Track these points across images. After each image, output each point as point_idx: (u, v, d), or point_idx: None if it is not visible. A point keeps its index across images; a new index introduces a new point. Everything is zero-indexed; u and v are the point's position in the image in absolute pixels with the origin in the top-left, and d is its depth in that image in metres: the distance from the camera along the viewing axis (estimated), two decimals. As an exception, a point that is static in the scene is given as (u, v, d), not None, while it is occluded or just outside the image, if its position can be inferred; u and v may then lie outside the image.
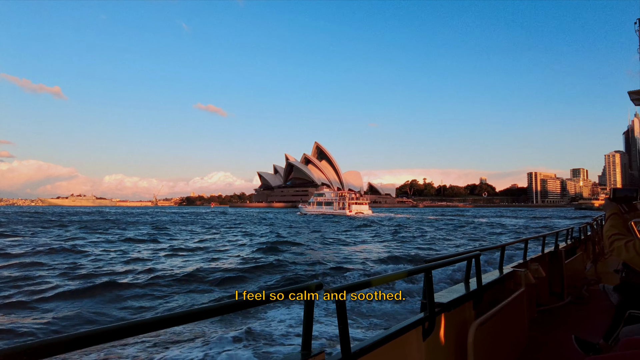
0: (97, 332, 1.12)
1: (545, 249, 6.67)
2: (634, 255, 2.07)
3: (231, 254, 20.92)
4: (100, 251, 21.16)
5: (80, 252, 20.25)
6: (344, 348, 1.94)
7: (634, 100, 9.79)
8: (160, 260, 18.58)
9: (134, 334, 1.20)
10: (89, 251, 20.85)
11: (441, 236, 32.17)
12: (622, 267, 5.71)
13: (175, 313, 1.33)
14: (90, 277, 13.66)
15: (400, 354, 2.55)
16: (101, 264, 16.84)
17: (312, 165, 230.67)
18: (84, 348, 1.08)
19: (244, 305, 1.60)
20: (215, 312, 1.47)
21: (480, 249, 3.87)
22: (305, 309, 1.90)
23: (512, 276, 4.80)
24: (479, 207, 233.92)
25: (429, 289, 2.81)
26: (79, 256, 19.06)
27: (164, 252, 21.07)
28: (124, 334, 1.18)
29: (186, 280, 13.49)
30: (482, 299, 3.72)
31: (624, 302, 3.72)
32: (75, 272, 14.72)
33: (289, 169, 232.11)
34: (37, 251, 20.13)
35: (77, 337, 1.06)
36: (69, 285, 12.51)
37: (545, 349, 4.40)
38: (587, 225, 9.60)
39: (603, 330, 3.82)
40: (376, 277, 2.37)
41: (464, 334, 3.18)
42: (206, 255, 20.07)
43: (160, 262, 17.93)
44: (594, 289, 7.08)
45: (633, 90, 9.76)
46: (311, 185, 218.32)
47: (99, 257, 19.02)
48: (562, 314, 5.81)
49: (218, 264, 17.06)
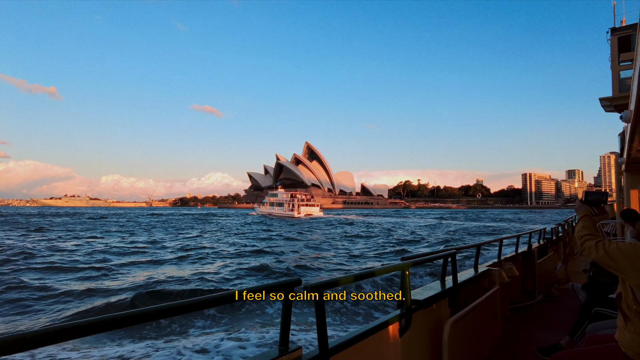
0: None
1: (519, 248, 6.97)
2: (602, 255, 2.21)
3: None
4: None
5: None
6: (322, 344, 1.99)
7: (605, 107, 9.90)
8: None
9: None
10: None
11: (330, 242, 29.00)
12: (590, 266, 6.06)
13: (149, 308, 1.34)
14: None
15: (377, 350, 2.61)
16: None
17: (303, 165, 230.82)
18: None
19: (221, 301, 1.61)
20: (192, 308, 1.48)
21: (456, 248, 3.99)
22: (284, 305, 1.95)
23: (486, 275, 5.01)
24: (472, 208, 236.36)
25: (406, 286, 2.90)
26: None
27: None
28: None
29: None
30: (458, 297, 3.83)
31: (591, 300, 3.98)
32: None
33: (278, 170, 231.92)
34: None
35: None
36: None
37: (517, 345, 4.63)
38: (559, 226, 10.08)
39: (570, 327, 4.09)
40: (356, 274, 2.45)
41: (439, 331, 3.32)
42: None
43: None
44: (564, 287, 7.49)
45: (604, 97, 9.82)
46: (301, 186, 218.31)
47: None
48: (534, 312, 6.10)
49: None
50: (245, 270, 16.14)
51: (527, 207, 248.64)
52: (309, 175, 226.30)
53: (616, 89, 9.85)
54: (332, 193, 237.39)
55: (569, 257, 9.52)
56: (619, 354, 2.27)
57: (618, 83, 9.83)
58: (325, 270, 16.62)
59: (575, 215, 11.84)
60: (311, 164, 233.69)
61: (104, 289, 12.71)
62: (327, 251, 23.68)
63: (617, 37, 9.95)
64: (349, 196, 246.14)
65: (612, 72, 9.95)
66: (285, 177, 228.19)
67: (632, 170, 10.76)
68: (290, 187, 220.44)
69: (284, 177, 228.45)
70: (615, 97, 9.81)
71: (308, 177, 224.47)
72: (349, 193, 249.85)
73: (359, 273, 2.51)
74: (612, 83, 9.94)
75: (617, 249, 2.18)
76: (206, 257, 20.71)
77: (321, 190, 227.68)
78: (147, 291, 11.99)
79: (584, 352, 2.52)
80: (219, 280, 14.22)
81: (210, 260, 19.52)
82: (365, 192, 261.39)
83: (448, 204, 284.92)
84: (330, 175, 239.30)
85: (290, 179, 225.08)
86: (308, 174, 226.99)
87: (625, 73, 9.77)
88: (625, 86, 9.55)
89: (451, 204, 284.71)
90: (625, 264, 2.14)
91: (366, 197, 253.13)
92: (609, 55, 10.08)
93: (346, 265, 18.41)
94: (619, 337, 2.33)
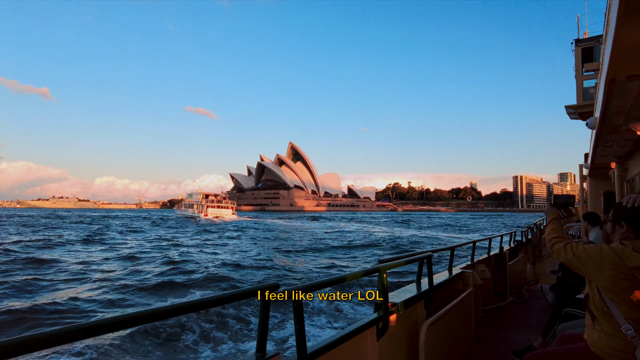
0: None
1: (491, 251, 7.35)
2: (571, 257, 2.35)
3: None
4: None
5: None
6: (300, 349, 2.04)
7: (570, 115, 10.81)
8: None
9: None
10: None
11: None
12: (558, 267, 6.69)
13: (121, 316, 1.33)
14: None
15: (355, 354, 2.69)
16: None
17: (286, 166, 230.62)
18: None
19: (197, 307, 1.63)
20: (168, 314, 1.50)
21: (432, 250, 4.16)
22: (261, 309, 1.97)
23: (460, 277, 5.21)
24: (461, 211, 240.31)
25: (383, 289, 3.00)
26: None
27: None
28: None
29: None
30: (433, 299, 3.98)
31: (560, 301, 4.28)
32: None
33: (260, 171, 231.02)
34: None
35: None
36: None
37: (489, 345, 4.87)
38: (528, 229, 10.76)
39: (540, 327, 4.42)
40: (333, 277, 2.50)
41: (415, 333, 3.46)
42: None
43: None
44: (533, 289, 7.93)
45: (569, 105, 10.78)
46: (283, 188, 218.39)
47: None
48: (506, 313, 6.44)
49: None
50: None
51: (518, 211, 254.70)
52: (292, 176, 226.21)
53: (580, 97, 10.79)
54: (317, 195, 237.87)
55: (538, 259, 10.18)
56: (588, 352, 2.39)
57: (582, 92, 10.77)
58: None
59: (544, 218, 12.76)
60: (295, 165, 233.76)
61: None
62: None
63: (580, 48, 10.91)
64: (334, 198, 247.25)
65: (577, 81, 10.91)
66: (267, 179, 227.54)
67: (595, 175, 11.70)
68: (272, 189, 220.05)
69: (266, 179, 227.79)
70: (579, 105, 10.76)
71: (291, 178, 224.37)
72: (335, 195, 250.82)
73: (338, 276, 2.57)
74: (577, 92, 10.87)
75: (583, 250, 2.32)
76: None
77: (304, 192, 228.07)
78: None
79: (555, 352, 2.65)
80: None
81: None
82: (351, 195, 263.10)
83: (437, 206, 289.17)
84: (315, 177, 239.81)
85: (272, 180, 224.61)
86: (291, 175, 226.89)
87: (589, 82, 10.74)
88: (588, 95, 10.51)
89: (440, 206, 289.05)
90: (592, 265, 2.26)
91: (352, 200, 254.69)
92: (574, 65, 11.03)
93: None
94: (587, 337, 2.45)
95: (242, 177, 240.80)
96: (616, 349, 2.24)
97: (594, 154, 9.06)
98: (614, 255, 2.20)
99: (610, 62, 3.57)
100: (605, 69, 3.90)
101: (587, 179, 11.69)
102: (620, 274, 2.17)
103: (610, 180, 10.89)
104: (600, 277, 2.23)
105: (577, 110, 10.78)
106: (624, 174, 9.84)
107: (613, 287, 2.20)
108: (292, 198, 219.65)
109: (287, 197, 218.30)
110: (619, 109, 5.02)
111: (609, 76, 4.00)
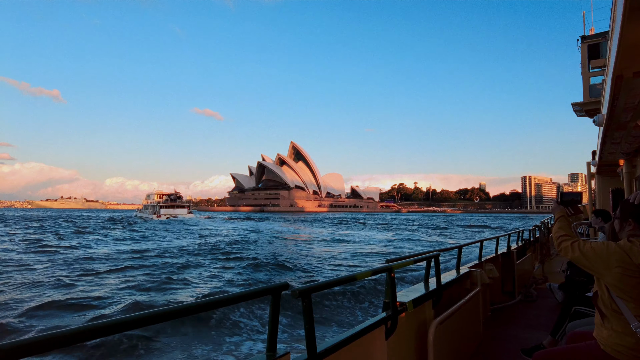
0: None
1: (499, 250, 7.44)
2: (578, 255, 2.38)
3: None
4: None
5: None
6: (310, 348, 2.10)
7: (577, 112, 10.87)
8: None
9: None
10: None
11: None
12: (567, 266, 6.80)
13: (134, 315, 1.39)
14: None
15: (364, 353, 2.76)
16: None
17: (287, 166, 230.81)
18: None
19: (208, 306, 1.67)
20: (179, 314, 1.55)
21: (439, 250, 4.23)
22: (271, 309, 2.02)
23: (468, 276, 5.31)
24: (468, 212, 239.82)
25: (392, 288, 3.05)
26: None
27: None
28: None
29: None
30: (441, 298, 4.06)
31: (569, 299, 4.33)
32: None
33: (260, 171, 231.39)
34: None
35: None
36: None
37: (498, 344, 4.94)
38: (536, 228, 10.87)
39: (549, 326, 4.46)
40: (343, 277, 2.57)
41: (424, 332, 3.53)
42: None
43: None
44: (542, 287, 8.02)
45: (576, 102, 10.83)
46: (283, 188, 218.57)
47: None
48: (514, 312, 6.52)
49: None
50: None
51: (526, 212, 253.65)
52: (292, 176, 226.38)
53: (587, 94, 10.84)
54: (318, 195, 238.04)
55: (546, 257, 10.27)
56: (598, 350, 2.42)
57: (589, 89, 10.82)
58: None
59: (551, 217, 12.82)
60: (296, 165, 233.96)
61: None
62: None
63: (587, 45, 10.96)
64: (337, 199, 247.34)
65: (583, 78, 10.96)
66: (267, 179, 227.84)
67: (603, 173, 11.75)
68: (272, 189, 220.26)
69: (267, 179, 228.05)
70: (586, 102, 10.81)
71: (292, 178, 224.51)
72: (337, 196, 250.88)
73: (347, 275, 2.62)
74: (583, 89, 10.92)
75: (591, 248, 2.35)
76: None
77: (305, 192, 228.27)
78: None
79: (564, 350, 2.68)
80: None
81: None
82: (355, 195, 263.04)
83: (443, 208, 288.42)
84: (317, 177, 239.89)
85: (272, 180, 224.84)
86: (292, 175, 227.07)
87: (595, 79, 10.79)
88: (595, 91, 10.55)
89: (447, 208, 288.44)
90: (599, 263, 2.30)
91: (355, 200, 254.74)
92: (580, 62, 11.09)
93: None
94: (597, 335, 2.48)
95: (243, 177, 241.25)
96: (626, 346, 2.27)
97: (602, 151, 9.11)
98: (621, 252, 2.24)
99: (617, 58, 3.61)
100: (612, 66, 3.94)
101: (595, 177, 11.71)
102: (628, 271, 2.21)
103: (619, 178, 10.94)
104: (608, 275, 2.27)
105: (584, 107, 10.83)
106: (633, 170, 9.87)
107: (621, 284, 2.24)
108: (292, 198, 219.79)
109: (288, 197, 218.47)
110: (626, 105, 5.08)
111: (615, 73, 4.04)
